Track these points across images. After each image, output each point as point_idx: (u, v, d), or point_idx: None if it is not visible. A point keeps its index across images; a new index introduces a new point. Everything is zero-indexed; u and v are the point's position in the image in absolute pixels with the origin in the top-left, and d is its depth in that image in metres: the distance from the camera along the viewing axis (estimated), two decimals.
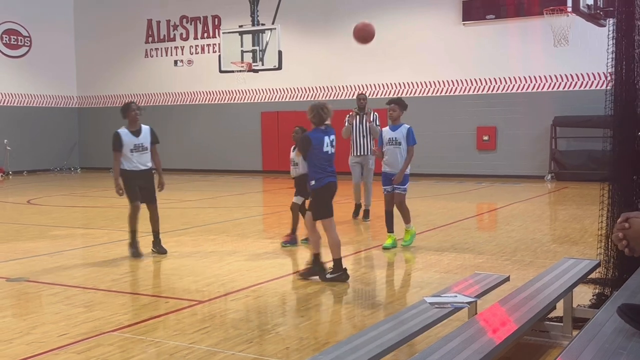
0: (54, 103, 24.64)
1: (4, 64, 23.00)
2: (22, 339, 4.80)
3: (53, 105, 24.59)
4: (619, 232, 2.46)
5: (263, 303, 5.88)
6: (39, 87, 24.04)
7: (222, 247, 8.66)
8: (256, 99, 22.22)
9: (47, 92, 24.37)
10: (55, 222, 11.31)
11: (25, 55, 23.66)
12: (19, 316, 5.54)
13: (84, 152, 25.20)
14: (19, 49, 23.48)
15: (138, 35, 24.07)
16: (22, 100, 23.53)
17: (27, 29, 23.61)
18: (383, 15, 20.07)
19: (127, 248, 8.05)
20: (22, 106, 23.51)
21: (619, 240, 2.47)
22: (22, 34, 23.51)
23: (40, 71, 23.92)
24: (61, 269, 7.33)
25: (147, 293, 6.20)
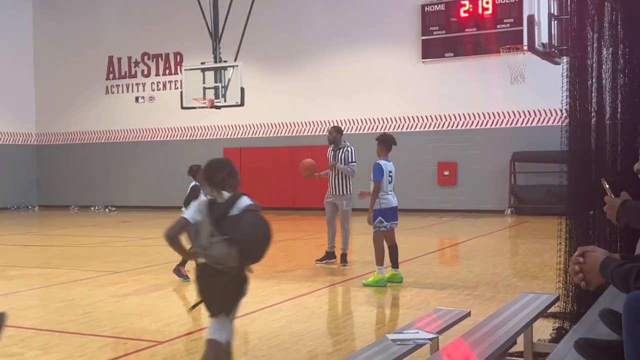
0: (11, 140, 24.22)
1: None
2: None
3: (11, 142, 24.17)
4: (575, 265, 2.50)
5: None
6: None
7: (184, 285, 8.53)
8: (219, 134, 22.19)
9: (5, 129, 23.95)
10: (11, 262, 11.02)
11: None
12: None
13: (42, 189, 24.75)
14: None
15: (99, 72, 23.93)
16: None
17: None
18: (344, 52, 20.36)
19: (84, 287, 7.86)
20: None
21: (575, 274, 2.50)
22: None
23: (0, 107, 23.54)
24: (16, 310, 7.11)
25: (105, 334, 6.06)
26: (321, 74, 20.67)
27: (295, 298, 7.53)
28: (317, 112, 20.73)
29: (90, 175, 23.78)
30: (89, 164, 23.96)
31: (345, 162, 9.83)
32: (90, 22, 23.97)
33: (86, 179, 23.79)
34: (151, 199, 22.53)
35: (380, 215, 8.19)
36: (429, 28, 19.24)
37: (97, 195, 23.34)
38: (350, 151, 9.94)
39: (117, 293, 8.06)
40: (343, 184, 9.82)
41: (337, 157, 9.89)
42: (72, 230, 16.54)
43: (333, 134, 10.02)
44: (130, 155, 23.27)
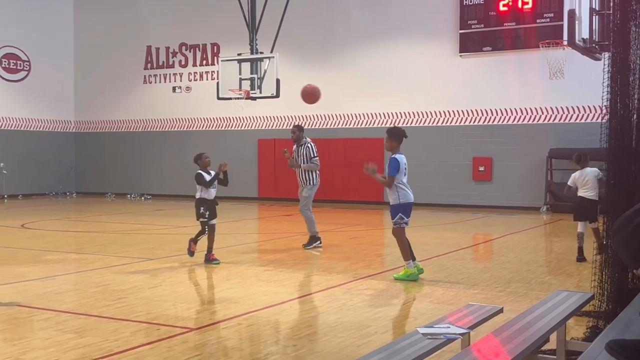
0: (51, 127, 24.68)
1: (2, 88, 23.09)
2: None
3: (50, 129, 24.64)
4: None
5: (255, 331, 5.83)
6: (37, 111, 24.11)
7: (216, 274, 8.61)
8: (253, 126, 22.30)
9: (45, 117, 24.43)
10: (49, 247, 11.25)
11: (24, 80, 23.77)
12: (9, 341, 5.48)
13: (80, 176, 25.18)
14: (18, 73, 23.59)
15: (137, 61, 24.22)
16: (19, 124, 23.58)
17: (27, 53, 23.75)
18: (380, 45, 20.27)
19: (119, 274, 8.00)
20: (20, 130, 23.55)
21: None
22: (21, 58, 23.64)
23: (38, 95, 24.01)
24: (53, 294, 7.27)
25: (138, 319, 6.15)
26: (356, 66, 20.62)
27: (327, 290, 7.55)
28: (352, 105, 20.69)
29: (127, 164, 24.11)
30: (125, 152, 24.29)
31: (307, 157, 10.75)
32: (129, 12, 24.27)
33: (123, 167, 24.13)
34: (186, 188, 22.66)
35: (400, 212, 8.08)
36: (467, 22, 19.04)
37: (133, 183, 23.67)
38: (310, 147, 10.86)
39: (151, 280, 8.18)
40: (308, 177, 10.81)
41: (300, 152, 10.81)
42: (108, 217, 16.81)
43: (296, 132, 11.00)
44: (166, 145, 23.52)
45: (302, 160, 10.78)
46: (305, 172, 10.79)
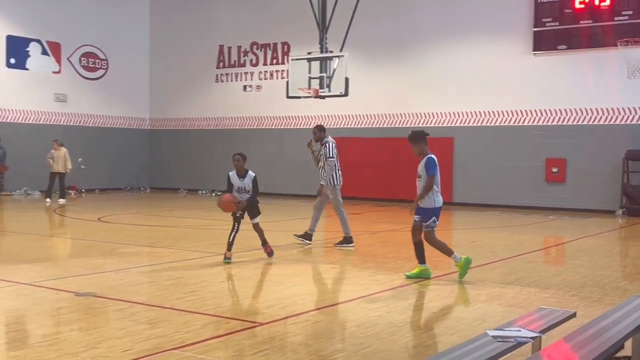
0: (127, 124, 25.47)
1: (81, 86, 23.97)
2: (87, 353, 4.93)
3: (126, 126, 25.42)
4: None
5: (322, 328, 5.88)
6: (114, 108, 24.92)
7: (284, 270, 8.72)
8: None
9: (121, 114, 25.23)
10: (124, 240, 11.61)
11: (102, 78, 24.61)
12: (86, 330, 5.69)
13: (153, 172, 25.88)
14: (96, 71, 24.45)
15: (210, 61, 24.71)
16: (97, 120, 24.43)
17: (104, 52, 24.58)
18: (450, 44, 20.03)
19: (191, 267, 8.19)
20: (97, 126, 24.39)
21: None
22: (99, 56, 24.49)
23: (115, 93, 24.82)
24: (127, 286, 7.51)
25: (209, 313, 6.28)
26: (425, 65, 20.44)
27: (394, 289, 7.53)
28: (420, 104, 20.53)
29: (199, 160, 24.63)
30: (197, 149, 24.82)
31: (326, 157, 10.82)
32: (203, 12, 24.80)
33: (195, 164, 24.66)
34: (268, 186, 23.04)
35: (434, 215, 7.91)
36: (542, 19, 18.60)
37: (205, 179, 24.16)
38: (329, 147, 10.86)
39: (221, 274, 8.34)
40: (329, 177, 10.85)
41: (322, 152, 10.91)
42: (180, 212, 17.23)
43: (317, 133, 11.07)
44: (236, 142, 23.85)
45: (323, 159, 10.89)
46: (326, 171, 10.85)
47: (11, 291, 7.28)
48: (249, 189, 9.10)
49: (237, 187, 9.13)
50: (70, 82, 23.64)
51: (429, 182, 7.79)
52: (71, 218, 15.98)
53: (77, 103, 23.81)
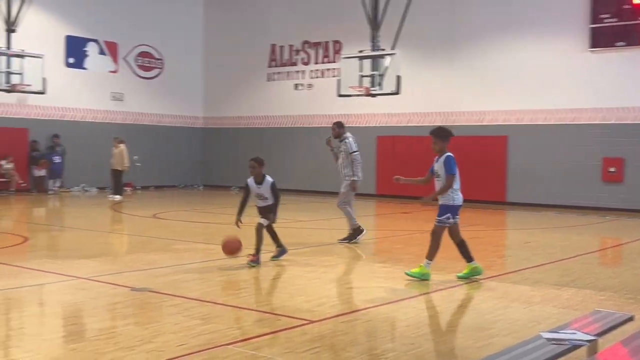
0: (181, 122, 25.90)
1: (137, 85, 24.49)
2: (143, 347, 5.04)
3: (180, 124, 25.85)
4: None
5: (373, 327, 5.88)
6: (168, 107, 25.38)
7: (334, 268, 8.74)
8: (372, 122, 22.34)
9: (175, 112, 25.67)
10: (178, 236, 11.82)
11: (157, 77, 25.09)
12: (141, 324, 5.82)
13: (206, 170, 26.26)
14: (152, 70, 24.94)
15: (262, 59, 24.92)
16: (152, 119, 24.92)
17: (160, 51, 25.05)
18: (504, 41, 19.73)
19: (242, 265, 8.29)
20: (152, 125, 24.88)
21: None
22: (154, 56, 24.97)
23: (169, 92, 25.27)
24: (181, 282, 7.64)
25: (260, 309, 6.35)
26: (479, 62, 20.17)
27: (445, 289, 7.47)
28: (474, 102, 20.27)
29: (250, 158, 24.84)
30: (249, 147, 25.01)
31: (346, 152, 10.84)
32: (255, 11, 25.03)
33: (246, 162, 24.81)
34: (306, 183, 23.19)
35: (449, 212, 7.80)
36: (599, 15, 18.14)
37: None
38: (349, 142, 10.86)
39: (271, 271, 8.42)
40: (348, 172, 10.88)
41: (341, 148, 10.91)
42: (233, 210, 17.42)
43: (335, 129, 11.04)
44: (287, 141, 24.06)
45: (343, 156, 10.91)
46: (345, 167, 10.88)
47: (70, 285, 7.50)
48: (268, 195, 8.70)
49: (255, 193, 8.78)
50: (126, 81, 24.17)
51: (449, 180, 7.70)
52: (127, 214, 16.35)
53: (133, 102, 24.33)
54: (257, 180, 8.68)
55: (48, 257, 9.53)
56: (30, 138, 21.70)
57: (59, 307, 6.62)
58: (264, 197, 8.68)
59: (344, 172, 10.92)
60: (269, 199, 8.66)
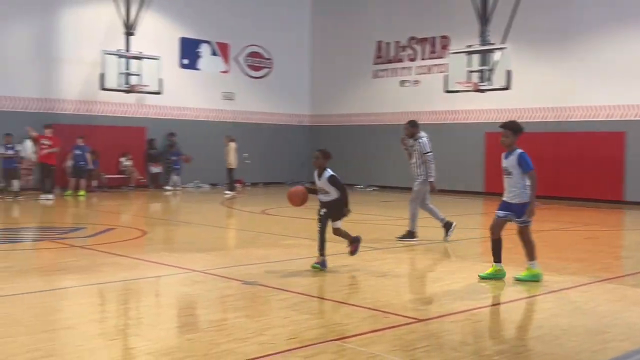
0: (288, 121, 26.37)
1: (247, 84, 25.16)
2: (255, 339, 5.20)
3: (287, 122, 26.33)
4: None
5: (483, 328, 5.78)
6: (276, 105, 25.91)
7: (442, 267, 8.65)
8: (480, 119, 21.87)
9: (283, 111, 26.17)
10: (286, 232, 12.07)
11: (266, 77, 25.67)
12: (252, 317, 5.99)
13: (312, 167, 26.55)
14: (261, 70, 25.54)
15: (367, 57, 24.95)
16: (261, 117, 25.52)
17: (269, 51, 25.61)
18: (621, 33, 18.78)
19: (349, 261, 8.36)
20: (261, 123, 25.48)
21: None
22: (264, 56, 25.55)
23: (277, 91, 25.79)
24: (290, 276, 7.80)
25: (367, 306, 6.38)
26: (593, 55, 19.28)
27: (559, 291, 7.23)
28: (588, 97, 19.42)
29: (356, 155, 24.96)
30: (354, 144, 25.18)
31: (420, 152, 10.77)
32: (361, 9, 25.10)
33: (351, 159, 25.01)
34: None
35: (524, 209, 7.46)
36: None
37: (361, 174, 24.46)
38: (423, 142, 10.79)
39: (380, 268, 8.43)
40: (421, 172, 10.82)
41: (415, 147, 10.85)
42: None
43: (408, 128, 11.02)
44: (393, 138, 23.92)
45: (416, 155, 10.83)
46: (418, 166, 10.82)
47: (185, 278, 7.82)
48: (329, 189, 8.24)
49: (318, 187, 8.37)
50: (237, 81, 24.89)
51: (533, 177, 7.39)
52: (238, 210, 16.84)
53: (243, 101, 25.01)
54: (319, 172, 8.38)
55: (165, 250, 9.98)
56: (147, 136, 22.77)
57: (174, 298, 6.93)
58: (324, 191, 8.30)
59: (417, 172, 10.88)
60: (330, 193, 8.24)
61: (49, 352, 4.81)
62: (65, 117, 20.86)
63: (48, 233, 12.03)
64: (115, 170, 21.95)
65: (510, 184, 7.53)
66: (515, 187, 7.47)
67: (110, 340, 5.29)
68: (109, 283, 7.44)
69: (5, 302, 6.39)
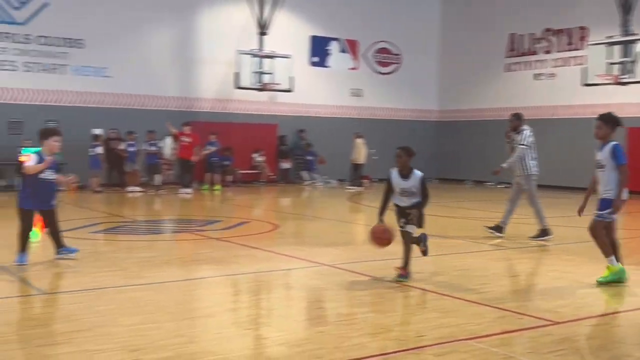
0: (415, 116, 26.18)
1: (375, 80, 25.24)
2: (384, 335, 5.23)
3: (415, 118, 26.14)
4: None
5: (623, 333, 5.51)
6: (403, 101, 25.80)
7: (578, 268, 8.29)
8: (622, 113, 20.56)
9: (410, 106, 26.01)
10: None
11: (394, 72, 25.62)
12: (380, 313, 6.03)
13: (440, 163, 26.25)
14: (389, 66, 25.52)
15: (499, 50, 24.28)
16: (387, 113, 25.51)
17: (398, 46, 25.54)
18: None
19: (478, 259, 8.19)
20: (387, 119, 25.47)
21: None
22: (392, 51, 25.52)
23: (405, 86, 25.68)
24: (417, 274, 7.75)
25: (498, 306, 6.24)
26: None
27: None
28: None
29: (486, 151, 24.34)
30: (484, 140, 24.57)
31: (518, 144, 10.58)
32: (494, 1, 24.44)
33: (481, 155, 24.44)
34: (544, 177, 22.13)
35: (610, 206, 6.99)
36: None
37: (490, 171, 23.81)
38: (523, 135, 10.61)
39: (511, 268, 8.23)
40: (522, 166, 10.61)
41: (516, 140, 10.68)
42: (467, 204, 17.27)
43: (513, 121, 10.81)
44: None
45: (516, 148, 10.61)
46: (520, 160, 10.58)
47: (315, 271, 8.00)
48: (415, 190, 7.29)
49: (399, 189, 7.35)
50: (365, 77, 25.02)
51: (623, 171, 6.97)
52: (364, 205, 16.96)
53: (370, 97, 25.11)
54: (403, 172, 7.37)
55: (295, 244, 10.23)
56: (278, 133, 23.39)
57: (304, 291, 7.10)
58: (410, 193, 7.30)
59: (519, 166, 10.67)
60: (415, 195, 7.30)
61: (191, 339, 5.09)
62: (203, 114, 21.85)
63: (187, 225, 12.67)
64: (248, 166, 22.73)
65: (600, 176, 7.20)
66: (604, 180, 7.15)
67: (245, 330, 5.51)
68: (242, 274, 7.74)
69: (150, 289, 6.82)
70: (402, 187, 7.29)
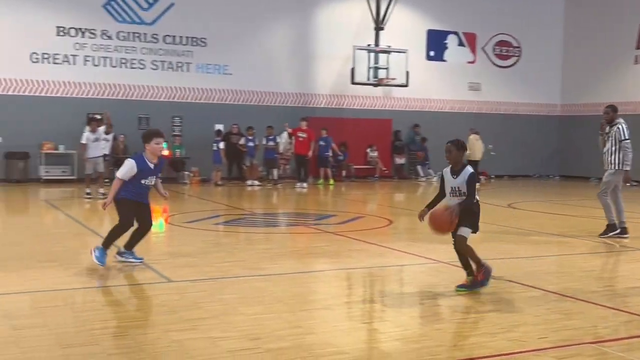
0: (536, 111, 25.31)
1: (493, 74, 24.62)
2: (504, 335, 5.10)
3: (536, 113, 25.27)
4: None
5: None
6: (524, 95, 25.00)
7: None
8: None
9: (531, 100, 25.17)
10: (534, 228, 11.61)
11: (514, 65, 24.87)
12: (500, 312, 5.87)
13: (563, 160, 25.24)
14: (509, 59, 24.81)
15: (628, 41, 22.99)
16: (507, 107, 24.81)
17: (518, 39, 24.77)
18: None
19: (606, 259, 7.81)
20: (506, 113, 24.77)
21: None
22: (512, 44, 24.78)
23: (526, 80, 24.87)
24: (539, 274, 7.51)
25: (627, 310, 5.93)
26: None
27: None
28: None
29: None
30: None
31: (616, 139, 10.16)
32: None
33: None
34: None
35: None
36: None
37: None
38: (621, 129, 10.16)
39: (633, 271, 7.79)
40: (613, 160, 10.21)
41: (611, 134, 10.24)
42: (591, 202, 16.46)
43: (610, 113, 10.37)
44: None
45: (612, 142, 10.22)
46: (611, 153, 10.23)
47: (430, 268, 7.92)
48: (465, 190, 6.47)
49: (449, 187, 6.57)
50: (483, 70, 24.46)
51: None
52: (482, 203, 16.49)
53: (489, 91, 24.51)
54: (455, 169, 6.54)
55: (410, 240, 10.16)
56: (393, 128, 23.31)
57: (419, 287, 7.03)
58: (459, 192, 6.49)
59: (609, 160, 10.29)
60: (464, 194, 6.49)
61: (309, 330, 5.18)
62: (319, 110, 22.13)
63: (302, 219, 12.90)
64: (362, 161, 22.81)
65: None
66: None
67: (361, 324, 5.54)
68: (357, 269, 7.78)
69: (268, 280, 7.00)
70: (451, 186, 6.54)
